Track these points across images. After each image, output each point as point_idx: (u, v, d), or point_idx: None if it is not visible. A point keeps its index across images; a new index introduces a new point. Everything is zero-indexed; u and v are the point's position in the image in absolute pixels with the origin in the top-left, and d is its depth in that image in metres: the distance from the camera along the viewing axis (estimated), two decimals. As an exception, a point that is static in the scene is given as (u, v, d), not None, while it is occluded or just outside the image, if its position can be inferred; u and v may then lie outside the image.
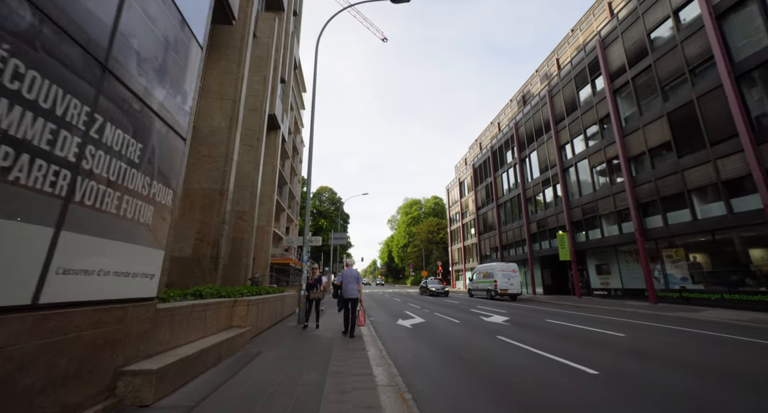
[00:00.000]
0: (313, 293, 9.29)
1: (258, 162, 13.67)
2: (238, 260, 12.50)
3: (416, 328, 9.59)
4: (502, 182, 35.28)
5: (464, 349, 6.67)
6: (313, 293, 9.29)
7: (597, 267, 21.80)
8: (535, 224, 28.48)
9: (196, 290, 6.01)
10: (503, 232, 34.44)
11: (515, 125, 32.30)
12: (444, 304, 18.58)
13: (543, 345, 6.89)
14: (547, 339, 7.55)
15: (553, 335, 8.21)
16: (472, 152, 52.41)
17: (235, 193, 13.44)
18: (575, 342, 7.19)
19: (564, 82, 24.78)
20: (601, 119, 20.75)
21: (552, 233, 26.08)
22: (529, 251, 28.84)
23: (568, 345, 6.86)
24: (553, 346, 6.73)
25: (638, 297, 17.77)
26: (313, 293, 9.29)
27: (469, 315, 12.94)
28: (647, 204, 17.19)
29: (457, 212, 49.50)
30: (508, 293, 22.28)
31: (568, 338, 7.76)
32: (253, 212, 13.10)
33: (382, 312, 14.58)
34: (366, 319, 11.06)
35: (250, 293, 7.92)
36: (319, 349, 6.18)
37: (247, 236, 12.81)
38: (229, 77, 11.01)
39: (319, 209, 68.54)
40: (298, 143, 44.96)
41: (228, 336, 5.67)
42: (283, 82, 19.06)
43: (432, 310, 14.91)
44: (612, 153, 19.60)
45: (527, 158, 30.19)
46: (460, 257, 47.68)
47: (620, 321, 10.96)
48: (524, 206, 30.03)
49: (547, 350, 6.37)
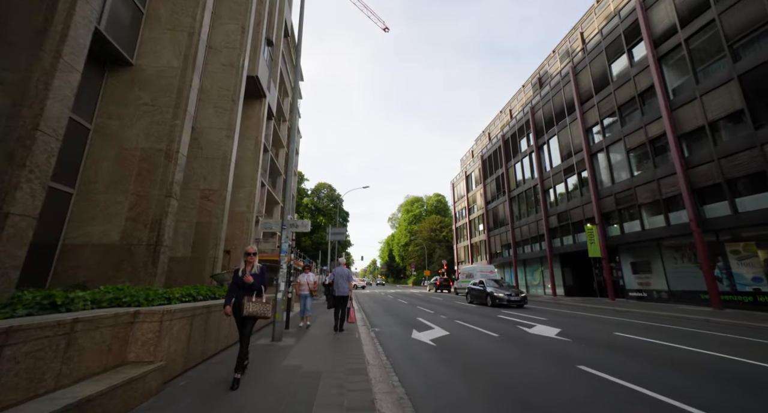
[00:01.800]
0: (251, 304, 4.18)
1: (232, 129, 10.81)
2: (203, 252, 9.65)
3: (441, 346, 6.73)
4: (515, 173, 32.41)
5: (537, 392, 3.84)
6: (251, 304, 4.18)
7: (633, 265, 18.95)
8: (555, 217, 25.62)
9: (48, 294, 3.15)
10: (516, 227, 31.57)
11: (531, 110, 29.43)
12: (458, 307, 15.72)
13: (661, 382, 4.03)
14: (658, 371, 4.70)
15: (659, 362, 5.34)
16: (480, 143, 49.53)
17: (201, 165, 10.60)
18: (709, 379, 4.33)
19: (592, 55, 21.90)
20: (640, 93, 17.88)
21: (576, 226, 23.22)
22: (548, 247, 25.97)
23: (708, 386, 4.00)
24: (683, 387, 3.87)
25: (693, 301, 14.91)
26: (252, 305, 4.16)
27: (502, 323, 10.08)
28: (706, 189, 14.32)
29: (463, 207, 46.64)
30: None
31: (686, 368, 4.90)
32: (225, 191, 10.25)
33: (388, 318, 11.71)
34: (367, 327, 8.19)
35: (186, 297, 5.05)
36: (300, 399, 3.31)
37: (215, 222, 9.96)
38: (186, 1, 8.14)
39: (318, 205, 65.87)
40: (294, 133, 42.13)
41: (98, 389, 2.80)
42: (270, 45, 16.19)
43: (450, 316, 12.04)
44: (656, 131, 16.73)
45: (545, 144, 27.31)
46: (466, 255, 44.82)
47: (707, 333, 8.10)
48: (542, 197, 27.17)
49: (684, 397, 3.51)
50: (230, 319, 5.81)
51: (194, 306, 4.68)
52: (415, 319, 11.21)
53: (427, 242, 65.77)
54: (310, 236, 61.48)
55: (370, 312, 13.99)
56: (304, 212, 63.76)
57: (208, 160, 10.39)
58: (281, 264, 6.85)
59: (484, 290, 16.97)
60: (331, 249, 43.38)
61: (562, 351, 6.13)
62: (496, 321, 10.73)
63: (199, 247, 9.64)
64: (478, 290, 17.59)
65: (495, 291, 16.14)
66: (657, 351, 6.14)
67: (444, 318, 11.63)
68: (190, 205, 9.95)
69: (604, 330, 8.67)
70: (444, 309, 14.69)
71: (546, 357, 5.75)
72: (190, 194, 10.03)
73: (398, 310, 14.50)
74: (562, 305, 17.17)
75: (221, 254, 10.08)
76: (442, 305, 16.74)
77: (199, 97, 10.91)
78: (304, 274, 9.48)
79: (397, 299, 22.14)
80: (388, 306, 16.48)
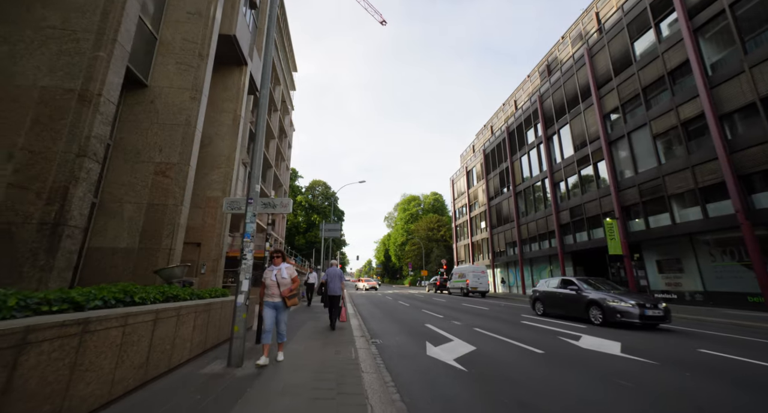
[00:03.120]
0: None
1: (198, 91, 8.66)
2: (155, 243, 7.47)
3: (474, 371, 4.64)
4: (521, 167, 30.53)
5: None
6: None
7: (659, 264, 17.08)
8: (566, 212, 23.72)
9: None
10: (522, 224, 29.67)
11: (539, 98, 27.56)
12: (469, 311, 13.67)
13: None
14: None
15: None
16: (482, 137, 47.62)
17: (156, 133, 8.42)
18: None
19: (611, 35, 20.04)
20: (670, 72, 16.02)
21: (592, 221, 21.34)
22: (559, 244, 24.07)
23: None
24: None
25: (737, 304, 13.03)
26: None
27: (534, 332, 8.04)
28: (757, 175, 12.47)
29: (463, 204, 44.70)
30: (478, 291, 25.45)
31: None
32: (187, 166, 8.10)
33: (391, 325, 9.61)
34: (366, 339, 5.97)
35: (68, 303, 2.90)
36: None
37: (173, 204, 7.80)
38: None
39: (312, 203, 63.76)
40: (287, 125, 39.89)
41: None
42: (254, 9, 14.05)
43: (466, 322, 9.97)
44: (690, 112, 14.86)
45: (555, 134, 25.43)
46: (467, 254, 42.88)
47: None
48: (552, 191, 25.28)
49: None
50: (150, 336, 3.68)
51: (78, 320, 2.55)
52: (424, 326, 9.14)
53: (424, 242, 63.84)
54: (304, 234, 59.28)
55: (368, 316, 11.89)
56: (298, 210, 61.56)
57: (165, 127, 8.23)
58: (244, 253, 4.73)
59: (579, 295, 9.96)
60: (325, 248, 41.26)
61: (659, 382, 4.10)
62: (523, 328, 8.69)
63: (150, 236, 7.48)
64: (566, 297, 10.48)
65: (609, 299, 8.96)
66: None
67: (458, 324, 9.57)
68: (140, 182, 7.79)
69: (677, 344, 6.67)
70: (454, 313, 12.63)
71: (647, 393, 3.71)
72: (140, 169, 7.87)
73: (401, 314, 12.42)
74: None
75: (180, 245, 7.92)
76: (450, 308, 14.68)
77: (157, 51, 8.77)
78: (272, 267, 5.19)
79: (397, 301, 20.05)
80: (389, 309, 14.40)
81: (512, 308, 15.29)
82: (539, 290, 12.04)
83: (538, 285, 12.42)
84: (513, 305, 17.30)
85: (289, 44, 39.03)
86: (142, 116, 8.18)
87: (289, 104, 41.31)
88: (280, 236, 36.44)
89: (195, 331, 4.88)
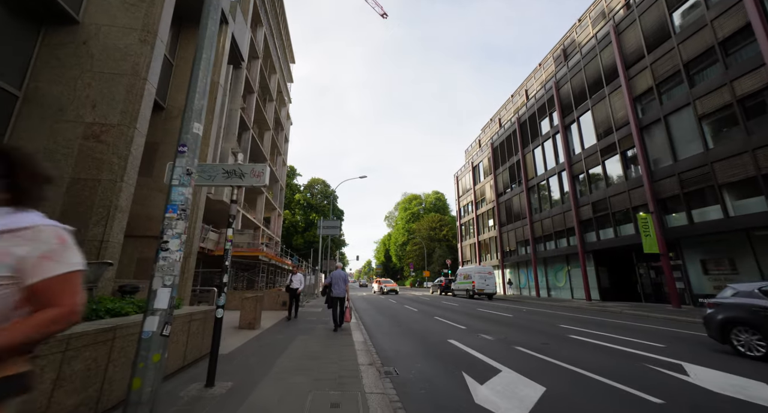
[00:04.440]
0: None
1: (152, 33, 6.46)
2: (77, 232, 5.31)
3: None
4: (534, 160, 28.41)
5: None
6: None
7: (703, 263, 14.96)
8: (588, 207, 21.59)
9: None
10: (536, 221, 27.54)
11: (555, 85, 25.44)
12: (489, 318, 11.51)
13: None
14: None
15: None
16: (488, 131, 45.49)
17: (89, 84, 6.12)
18: None
19: (643, 7, 17.94)
20: (722, 41, 13.91)
21: (620, 217, 19.21)
22: (579, 242, 21.94)
23: None
24: None
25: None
26: None
27: (607, 356, 5.87)
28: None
29: (469, 202, 42.58)
30: (485, 293, 23.97)
31: None
32: (132, 129, 5.93)
33: (405, 342, 7.42)
34: (376, 368, 3.83)
35: None
36: None
37: (108, 180, 5.61)
38: None
39: (311, 202, 61.75)
40: (283, 117, 37.74)
41: None
42: (238, -40, 11.92)
43: (497, 335, 7.79)
44: (751, 86, 12.74)
45: (574, 123, 23.31)
46: (473, 254, 40.73)
47: None
48: (570, 185, 23.16)
49: None
50: None
51: None
52: (448, 343, 6.98)
53: (426, 242, 61.79)
54: (302, 234, 57.17)
55: (374, 326, 9.72)
56: (296, 209, 59.56)
57: (102, 77, 6.06)
58: (164, 240, 2.58)
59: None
60: (323, 248, 39.08)
61: None
62: (582, 348, 6.52)
63: (71, 222, 5.32)
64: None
65: None
66: None
67: (490, 339, 7.41)
68: (62, 148, 5.64)
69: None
70: (475, 322, 10.47)
71: None
72: (63, 131, 5.72)
73: (413, 324, 10.25)
74: (612, 314, 13.05)
75: (118, 235, 5.75)
76: (466, 315, 12.52)
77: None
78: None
79: (403, 305, 17.89)
80: (396, 317, 12.23)
81: (538, 314, 13.15)
82: (738, 305, 5.99)
83: (726, 295, 6.37)
84: (537, 310, 15.15)
85: (286, 34, 36.92)
86: (69, 62, 6.02)
87: (286, 96, 39.19)
88: (276, 235, 34.26)
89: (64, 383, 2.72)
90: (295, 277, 10.58)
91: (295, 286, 10.38)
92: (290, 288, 10.45)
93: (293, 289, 10.37)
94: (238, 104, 20.68)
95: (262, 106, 27.36)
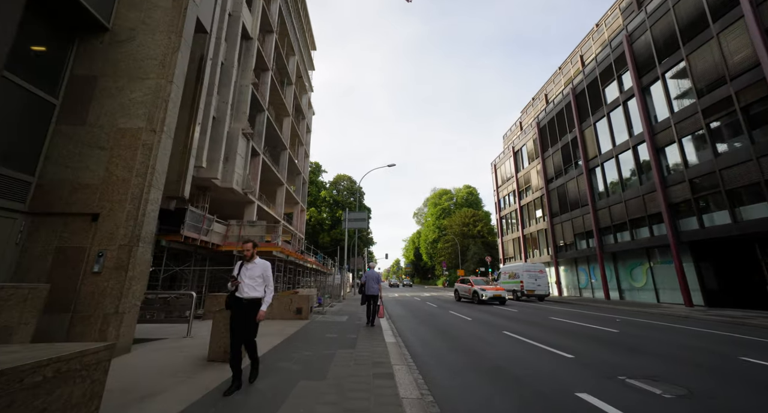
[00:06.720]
0: None
1: None
2: None
3: None
4: (597, 135, 23.62)
5: None
6: None
7: None
8: (682, 186, 16.80)
9: None
10: (602, 208, 22.79)
11: (627, 39, 20.63)
12: (581, 334, 7.64)
13: None
14: None
15: None
16: (531, 111, 40.45)
17: None
18: None
19: None
20: None
21: (737, 195, 14.41)
22: (670, 231, 17.17)
23: None
24: None
25: None
26: None
27: None
28: None
29: (510, 191, 37.90)
30: (535, 294, 21.10)
31: None
32: None
33: (487, 391, 3.81)
34: None
35: None
36: None
37: None
38: None
39: (337, 198, 59.36)
40: (304, 105, 35.02)
41: None
42: None
43: (630, 371, 4.04)
44: None
45: (659, 81, 18.49)
46: (516, 250, 36.08)
47: None
48: (653, 160, 18.38)
49: None
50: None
51: None
52: (575, 397, 3.31)
53: (459, 238, 57.36)
54: (329, 232, 54.81)
55: (419, 345, 6.21)
56: (323, 206, 57.43)
57: None
58: None
59: None
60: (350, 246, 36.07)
61: None
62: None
63: None
64: None
65: None
66: None
67: (657, 393, 3.65)
68: None
69: None
70: (582, 346, 6.66)
71: None
72: None
73: (479, 347, 6.60)
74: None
75: None
76: (539, 326, 8.68)
77: None
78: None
79: (448, 311, 14.22)
80: (449, 332, 8.61)
81: (654, 328, 9.02)
82: None
83: None
84: (636, 320, 10.94)
85: (305, 15, 34.24)
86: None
87: (307, 82, 36.57)
88: (299, 232, 31.64)
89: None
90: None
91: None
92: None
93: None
94: (249, 80, 17.96)
95: (280, 88, 24.68)
